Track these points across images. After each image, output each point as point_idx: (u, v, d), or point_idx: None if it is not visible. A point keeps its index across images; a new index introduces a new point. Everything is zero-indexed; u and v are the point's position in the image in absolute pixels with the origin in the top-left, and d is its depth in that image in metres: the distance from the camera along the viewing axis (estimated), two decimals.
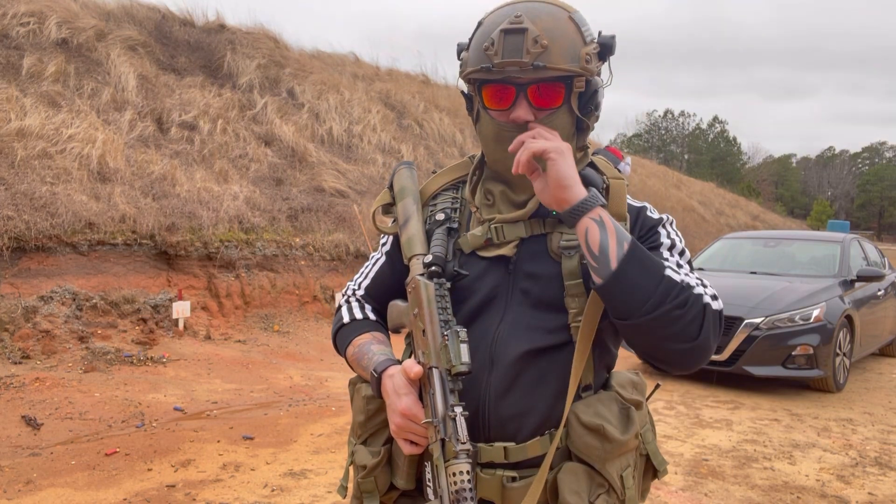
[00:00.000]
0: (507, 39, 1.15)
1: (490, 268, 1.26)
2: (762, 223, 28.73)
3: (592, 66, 1.20)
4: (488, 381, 1.21)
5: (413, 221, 1.32)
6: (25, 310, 6.00)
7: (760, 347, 6.18)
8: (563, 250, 1.22)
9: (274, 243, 8.36)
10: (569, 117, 1.23)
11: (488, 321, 1.24)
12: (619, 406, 1.23)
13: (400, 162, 1.45)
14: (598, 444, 1.18)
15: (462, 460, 1.09)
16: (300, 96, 11.82)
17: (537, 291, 1.23)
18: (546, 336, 1.21)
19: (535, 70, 1.15)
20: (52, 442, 4.30)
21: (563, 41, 1.16)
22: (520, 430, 1.21)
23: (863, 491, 4.03)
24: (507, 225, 1.25)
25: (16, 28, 8.96)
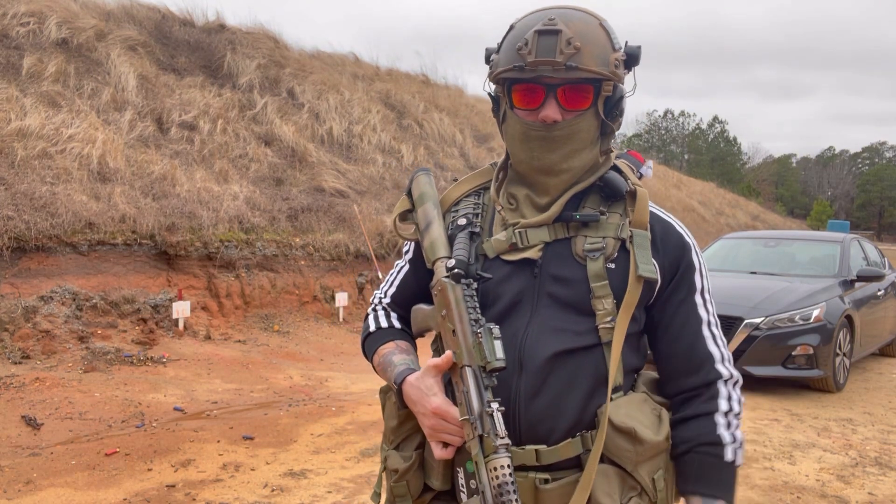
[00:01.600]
0: (541, 40, 1.18)
1: (515, 271, 1.27)
2: (762, 223, 28.73)
3: (620, 72, 1.23)
4: (518, 384, 1.22)
5: (435, 225, 1.33)
6: (25, 310, 6.01)
7: (760, 347, 6.18)
8: (588, 253, 1.24)
9: (274, 243, 8.36)
10: (594, 120, 1.25)
11: (515, 324, 1.25)
12: (651, 407, 1.26)
13: (417, 168, 1.46)
14: (629, 447, 1.19)
15: (502, 455, 1.10)
16: (300, 96, 11.82)
17: (564, 294, 1.24)
18: (575, 338, 1.23)
19: (567, 70, 1.17)
20: (52, 442, 4.30)
21: (594, 45, 1.19)
22: (551, 432, 1.22)
23: (863, 491, 4.03)
24: (530, 229, 1.27)
25: (16, 28, 8.96)
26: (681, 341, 1.29)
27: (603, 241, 1.25)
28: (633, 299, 1.23)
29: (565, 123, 1.22)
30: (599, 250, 1.24)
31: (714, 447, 1.24)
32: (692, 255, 1.31)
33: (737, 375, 1.30)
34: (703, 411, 1.26)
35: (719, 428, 1.25)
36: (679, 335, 1.30)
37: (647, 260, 1.24)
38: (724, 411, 1.26)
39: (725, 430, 1.25)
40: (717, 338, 1.30)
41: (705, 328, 1.29)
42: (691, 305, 1.30)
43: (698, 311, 1.30)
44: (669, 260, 1.29)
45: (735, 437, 1.26)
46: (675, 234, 1.31)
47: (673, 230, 1.32)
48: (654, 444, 1.21)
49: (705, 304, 1.31)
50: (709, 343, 1.29)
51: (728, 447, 1.25)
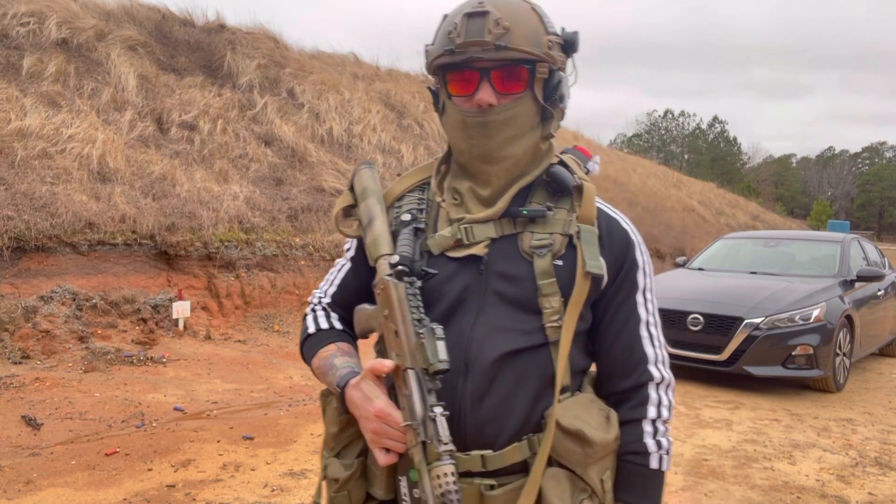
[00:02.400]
0: (469, 22, 1.16)
1: (460, 269, 1.23)
2: (762, 223, 28.72)
3: (555, 55, 1.20)
4: (463, 386, 1.17)
5: (378, 222, 1.29)
6: (25, 310, 6.00)
7: (760, 347, 6.18)
8: (535, 250, 1.21)
9: (274, 243, 8.36)
10: (533, 104, 1.22)
11: (461, 324, 1.20)
12: (599, 408, 1.24)
13: (360, 162, 1.41)
14: (578, 449, 1.17)
15: (446, 462, 1.06)
16: (300, 96, 11.81)
17: (511, 292, 1.20)
18: (522, 337, 1.19)
19: (497, 50, 1.15)
20: (52, 442, 4.30)
21: (525, 26, 1.17)
22: (498, 436, 1.17)
23: (863, 491, 4.03)
24: (476, 225, 1.23)
25: (16, 28, 8.96)
26: (619, 341, 1.27)
27: (550, 238, 1.22)
28: (581, 297, 1.20)
29: (501, 108, 1.19)
30: (547, 247, 1.21)
31: (639, 456, 1.24)
32: (636, 253, 1.28)
33: (668, 378, 1.29)
34: (632, 417, 1.25)
35: (645, 436, 1.24)
36: (618, 335, 1.28)
37: (594, 256, 1.21)
38: (651, 418, 1.25)
39: (651, 437, 1.24)
40: (655, 338, 1.29)
41: (643, 328, 1.28)
42: (632, 304, 1.28)
43: (638, 311, 1.28)
44: (614, 256, 1.26)
45: (661, 444, 1.25)
46: (621, 231, 1.28)
47: (618, 226, 1.29)
48: (603, 444, 1.19)
49: (646, 303, 1.29)
50: (645, 344, 1.27)
51: (653, 455, 1.24)
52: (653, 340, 1.28)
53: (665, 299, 6.87)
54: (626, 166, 23.80)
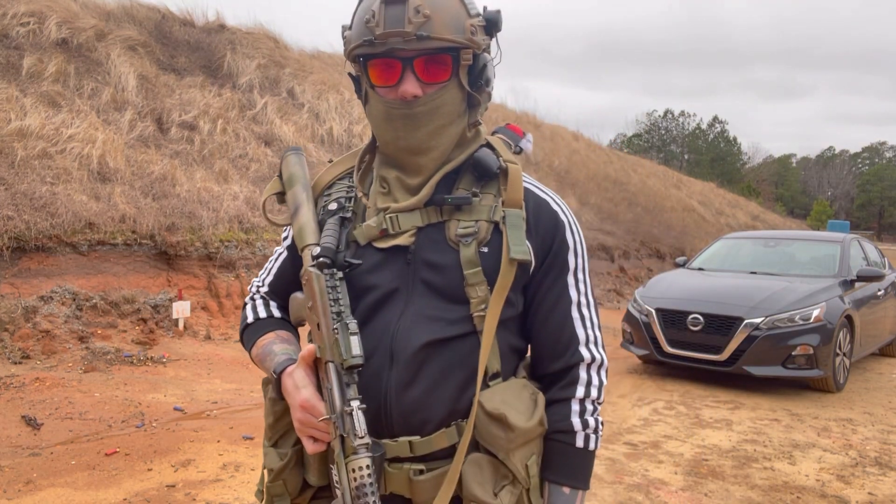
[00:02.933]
0: (388, 10, 1.11)
1: (388, 259, 1.22)
2: (762, 223, 28.72)
3: (478, 39, 1.17)
4: (389, 375, 1.18)
5: (303, 210, 1.28)
6: (25, 310, 6.00)
7: (760, 347, 6.18)
8: (460, 238, 1.19)
9: (274, 243, 8.36)
10: (458, 92, 1.19)
11: (389, 315, 1.20)
12: (530, 392, 1.23)
13: (287, 148, 1.40)
14: (501, 434, 1.16)
15: (361, 455, 1.07)
16: (300, 96, 11.82)
17: (438, 281, 1.20)
18: (447, 327, 1.18)
19: (418, 41, 1.11)
20: (52, 442, 4.30)
21: (446, 12, 1.13)
22: (425, 423, 1.18)
23: (863, 491, 4.03)
24: (402, 214, 1.22)
25: (16, 28, 8.95)
26: (549, 323, 1.26)
27: (475, 225, 1.20)
28: (506, 283, 1.18)
29: (427, 98, 1.16)
30: (472, 235, 1.19)
31: (565, 434, 1.23)
32: (566, 233, 1.26)
33: (600, 358, 1.27)
34: (560, 397, 1.24)
35: (572, 415, 1.23)
36: (548, 317, 1.26)
37: (520, 241, 1.19)
38: (579, 397, 1.24)
39: (578, 417, 1.23)
40: (587, 319, 1.27)
41: (574, 309, 1.26)
42: (562, 286, 1.26)
43: (569, 292, 1.26)
44: (542, 238, 1.24)
45: (587, 423, 1.23)
46: (549, 212, 1.26)
47: (546, 207, 1.26)
48: (526, 430, 1.17)
49: (577, 284, 1.27)
50: (576, 325, 1.26)
51: (579, 434, 1.23)
52: (584, 321, 1.26)
53: (665, 299, 6.88)
54: (626, 166, 23.80)
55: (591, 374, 1.26)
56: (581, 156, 20.21)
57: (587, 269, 1.30)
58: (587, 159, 20.43)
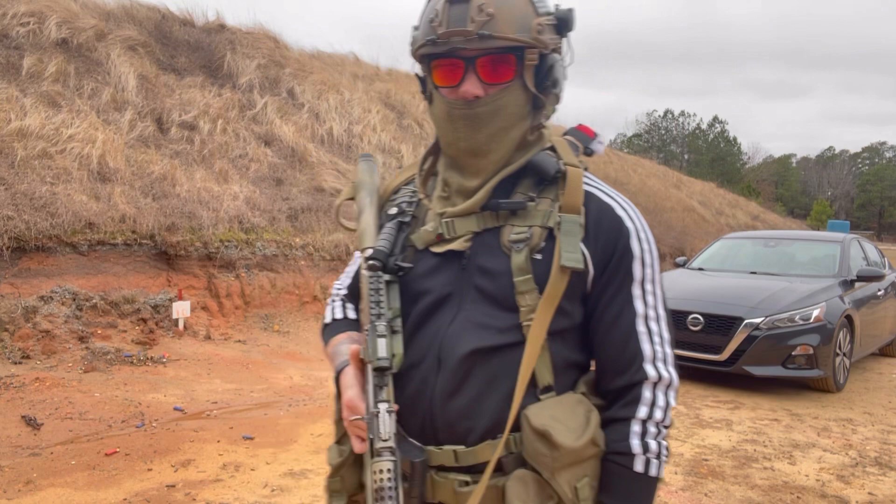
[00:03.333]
0: (451, 9, 1.10)
1: (443, 264, 1.21)
2: (762, 223, 28.72)
3: (546, 39, 1.14)
4: (435, 381, 1.17)
5: (365, 215, 1.30)
6: (25, 310, 6.00)
7: (760, 347, 6.18)
8: (513, 244, 1.16)
9: (274, 243, 8.36)
10: (522, 94, 1.16)
11: (440, 320, 1.19)
12: (585, 409, 1.16)
13: (360, 155, 1.43)
14: (546, 452, 1.10)
15: (384, 458, 1.07)
16: (300, 96, 11.81)
17: (490, 288, 1.17)
18: (496, 335, 1.15)
19: (480, 39, 1.09)
20: (52, 442, 4.30)
21: (511, 10, 1.11)
22: (469, 433, 1.15)
23: (863, 491, 4.03)
24: (458, 219, 1.20)
25: (16, 28, 8.95)
26: (611, 337, 1.19)
27: (528, 231, 1.16)
28: (556, 291, 1.14)
29: (488, 99, 1.14)
30: (524, 241, 1.16)
31: (622, 457, 1.15)
32: (631, 241, 1.18)
33: (668, 377, 1.18)
34: (620, 416, 1.17)
35: (632, 437, 1.15)
36: (609, 330, 1.19)
37: (573, 248, 1.14)
38: (641, 418, 1.16)
39: (638, 438, 1.15)
40: (655, 334, 1.19)
41: (640, 323, 1.18)
42: (626, 297, 1.18)
43: (633, 304, 1.18)
44: (602, 245, 1.17)
45: (648, 446, 1.15)
46: (612, 217, 1.19)
47: (610, 212, 1.20)
48: (572, 449, 1.10)
49: (644, 296, 1.19)
50: (642, 340, 1.18)
51: (638, 457, 1.15)
52: (651, 336, 1.18)
53: None
54: (626, 166, 23.80)
55: (657, 394, 1.17)
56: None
57: (658, 280, 1.22)
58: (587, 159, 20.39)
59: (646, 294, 1.20)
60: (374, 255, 1.19)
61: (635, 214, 1.22)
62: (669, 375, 1.18)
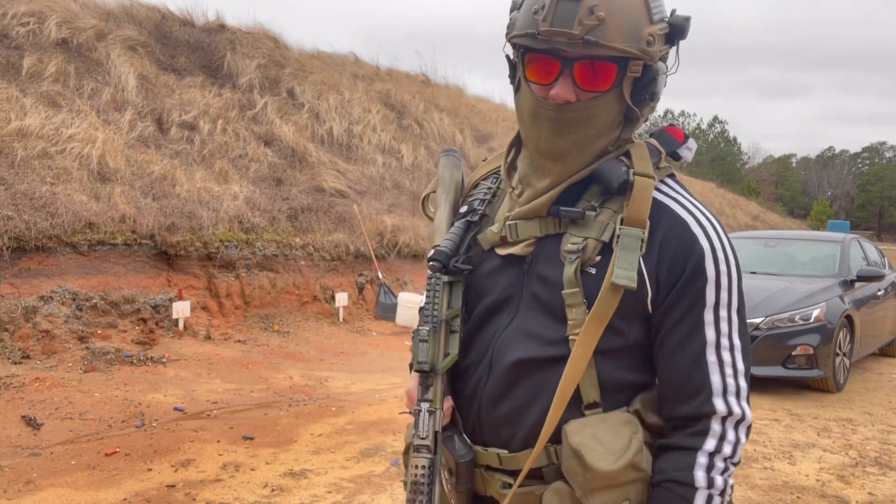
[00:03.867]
0: (559, 6, 1.02)
1: (505, 266, 1.19)
2: (762, 223, 28.73)
3: (654, 49, 1.06)
4: (485, 385, 1.18)
5: (439, 212, 1.30)
6: (25, 310, 6.00)
7: (760, 347, 6.18)
8: (568, 254, 1.11)
9: (274, 243, 8.36)
10: (616, 104, 1.09)
11: (497, 324, 1.18)
12: (632, 431, 1.10)
13: (443, 150, 1.40)
14: (579, 471, 1.07)
15: (421, 455, 1.09)
16: (300, 96, 11.81)
17: (545, 296, 1.14)
18: (543, 347, 1.13)
19: (584, 45, 1.02)
20: (52, 442, 4.30)
21: (624, 16, 1.03)
22: (512, 439, 1.16)
23: (863, 491, 4.03)
24: (521, 222, 1.16)
25: (16, 28, 8.95)
26: (675, 363, 1.11)
27: (583, 242, 1.11)
28: (606, 309, 1.07)
29: (580, 105, 1.07)
30: (577, 252, 1.10)
31: (683, 487, 1.07)
32: (705, 262, 1.09)
33: (740, 412, 1.09)
34: (685, 445, 1.09)
35: (696, 468, 1.07)
36: (674, 355, 1.11)
37: (629, 265, 1.06)
38: (709, 451, 1.08)
39: (704, 471, 1.07)
40: (727, 364, 1.09)
41: (711, 352, 1.09)
42: (695, 322, 1.10)
43: (703, 331, 1.09)
44: (669, 264, 1.09)
45: (713, 482, 1.07)
46: (684, 235, 1.10)
47: (684, 229, 1.10)
48: (605, 473, 1.05)
49: (717, 322, 1.10)
50: (711, 370, 1.09)
51: (700, 491, 1.07)
52: (722, 367, 1.09)
53: None
54: None
55: (727, 429, 1.09)
56: None
57: (737, 306, 1.12)
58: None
59: (719, 321, 1.10)
60: (435, 255, 1.17)
61: (715, 233, 1.12)
62: (741, 411, 1.10)
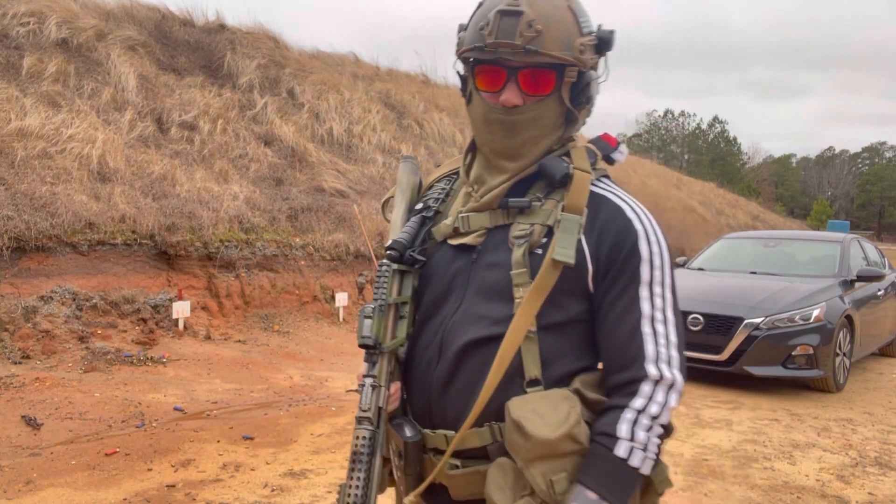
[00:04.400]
0: (502, 21, 1.17)
1: (456, 256, 1.29)
2: (762, 223, 28.72)
3: (586, 58, 1.21)
4: (435, 369, 1.25)
5: (395, 211, 1.41)
6: (25, 310, 6.00)
7: (760, 347, 6.18)
8: (516, 239, 1.23)
9: (274, 243, 8.36)
10: (558, 107, 1.24)
11: (446, 310, 1.28)
12: (570, 405, 1.17)
13: (402, 157, 1.52)
14: (521, 442, 1.14)
15: (363, 427, 1.17)
16: (300, 96, 11.81)
17: (491, 280, 1.24)
18: (489, 326, 1.21)
19: (526, 54, 1.16)
20: (52, 442, 4.30)
21: (558, 28, 1.18)
22: (459, 420, 1.21)
23: (863, 491, 4.03)
24: (472, 214, 1.28)
25: (16, 28, 8.95)
26: (614, 335, 1.21)
27: (531, 228, 1.23)
28: (545, 283, 1.18)
29: (526, 108, 1.21)
30: (525, 237, 1.22)
31: (608, 438, 1.16)
32: (640, 243, 1.21)
33: (671, 378, 1.18)
34: (618, 404, 1.18)
35: (621, 422, 1.16)
36: (613, 329, 1.21)
37: (568, 245, 1.18)
38: (636, 408, 1.16)
39: (629, 425, 1.15)
40: (661, 336, 1.20)
41: (646, 324, 1.19)
42: (631, 298, 1.20)
43: (640, 305, 1.20)
44: (609, 245, 1.21)
45: (635, 435, 1.15)
46: (621, 219, 1.23)
47: (620, 214, 1.24)
48: (545, 441, 1.12)
49: (652, 297, 1.21)
50: (646, 341, 1.19)
51: (621, 441, 1.14)
52: (657, 338, 1.19)
53: None
54: (626, 166, 23.78)
55: (657, 391, 1.18)
56: None
57: (669, 283, 1.23)
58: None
59: (654, 296, 1.21)
60: (392, 245, 1.28)
61: (647, 219, 1.25)
62: (672, 376, 1.19)
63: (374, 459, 1.17)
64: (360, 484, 1.15)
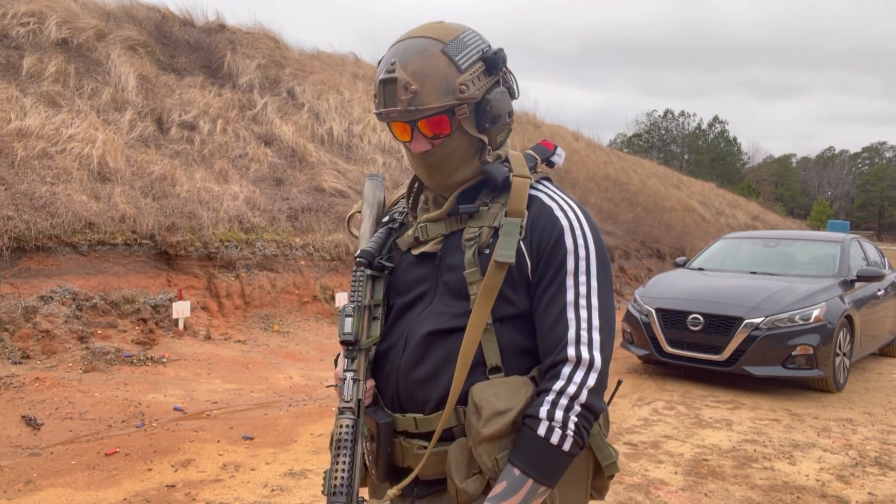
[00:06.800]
0: (385, 90, 1.29)
1: (420, 263, 1.42)
2: (762, 223, 28.72)
3: (472, 92, 1.29)
4: (401, 358, 1.36)
5: (363, 224, 1.54)
6: (25, 310, 6.00)
7: (760, 347, 6.18)
8: (466, 242, 1.35)
9: (274, 243, 8.36)
10: (465, 139, 1.35)
11: (416, 311, 1.39)
12: (527, 392, 1.28)
13: (367, 175, 1.67)
14: (474, 424, 1.25)
15: (345, 416, 1.28)
16: (300, 96, 11.81)
17: (451, 280, 1.36)
18: (451, 319, 1.33)
19: (409, 113, 1.28)
20: (52, 442, 4.30)
21: (433, 80, 1.27)
22: (426, 402, 1.33)
23: (863, 491, 4.03)
24: (430, 224, 1.41)
25: (16, 28, 8.95)
26: (543, 321, 1.32)
27: (479, 231, 1.34)
28: (493, 283, 1.28)
29: (435, 150, 1.34)
30: (474, 239, 1.34)
31: (530, 419, 1.25)
32: (565, 236, 1.32)
33: (589, 358, 1.27)
34: (543, 388, 1.28)
35: (542, 404, 1.25)
36: (542, 316, 1.32)
37: (508, 246, 1.28)
38: (556, 390, 1.25)
39: (549, 406, 1.24)
40: (583, 320, 1.29)
41: (570, 310, 1.30)
42: (559, 287, 1.31)
43: (566, 294, 1.30)
44: (539, 242, 1.32)
45: (554, 415, 1.23)
46: (549, 217, 1.34)
47: (548, 213, 1.35)
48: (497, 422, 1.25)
49: (577, 285, 1.31)
50: (570, 325, 1.29)
51: (541, 422, 1.24)
52: (579, 322, 1.29)
53: (665, 299, 6.87)
54: (626, 166, 23.80)
55: (576, 372, 1.27)
56: (581, 156, 20.20)
57: (595, 272, 1.33)
58: (587, 159, 20.42)
59: (578, 285, 1.31)
60: (362, 254, 1.41)
61: (574, 214, 1.36)
62: (590, 357, 1.27)
63: (356, 446, 1.27)
64: (345, 468, 1.24)
